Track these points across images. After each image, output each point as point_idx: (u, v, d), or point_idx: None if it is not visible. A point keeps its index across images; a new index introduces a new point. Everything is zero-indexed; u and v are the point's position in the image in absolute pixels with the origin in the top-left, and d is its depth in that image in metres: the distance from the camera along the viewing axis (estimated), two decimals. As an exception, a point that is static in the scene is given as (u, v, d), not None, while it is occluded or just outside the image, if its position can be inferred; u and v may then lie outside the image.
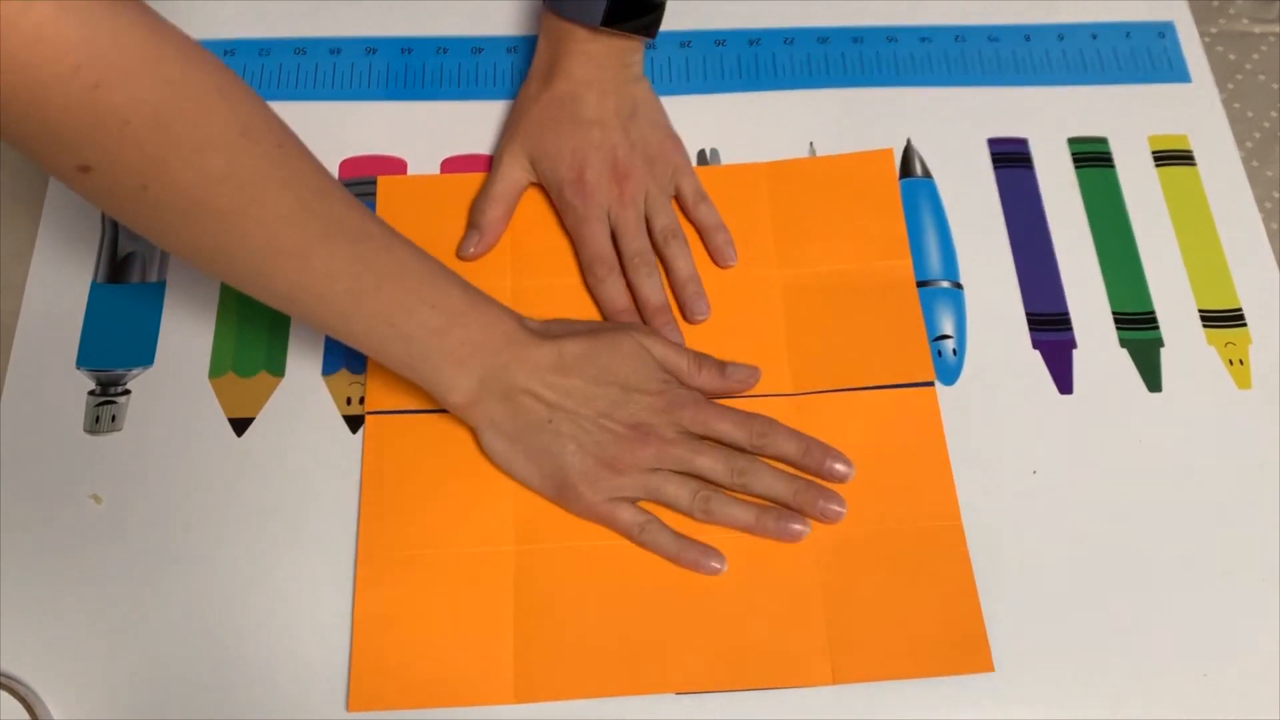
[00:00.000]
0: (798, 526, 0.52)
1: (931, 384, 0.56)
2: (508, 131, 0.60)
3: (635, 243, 0.57)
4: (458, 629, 0.50)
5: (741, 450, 0.53)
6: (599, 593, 0.51)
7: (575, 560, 0.52)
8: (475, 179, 0.61)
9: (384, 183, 0.61)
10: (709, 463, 0.52)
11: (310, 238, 0.45)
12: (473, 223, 0.59)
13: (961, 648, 0.50)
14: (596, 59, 0.58)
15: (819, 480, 0.53)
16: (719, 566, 0.51)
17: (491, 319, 0.51)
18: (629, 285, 0.57)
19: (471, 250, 0.58)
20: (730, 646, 0.50)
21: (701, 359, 0.54)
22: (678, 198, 0.60)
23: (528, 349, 0.51)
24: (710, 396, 0.54)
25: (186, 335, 0.57)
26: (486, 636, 0.50)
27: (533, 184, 0.60)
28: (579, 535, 0.52)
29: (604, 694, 0.49)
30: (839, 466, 0.53)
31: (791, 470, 0.53)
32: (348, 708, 0.49)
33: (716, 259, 0.59)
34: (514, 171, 0.59)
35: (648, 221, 0.58)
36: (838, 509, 0.52)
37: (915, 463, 0.54)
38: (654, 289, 0.57)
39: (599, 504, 0.51)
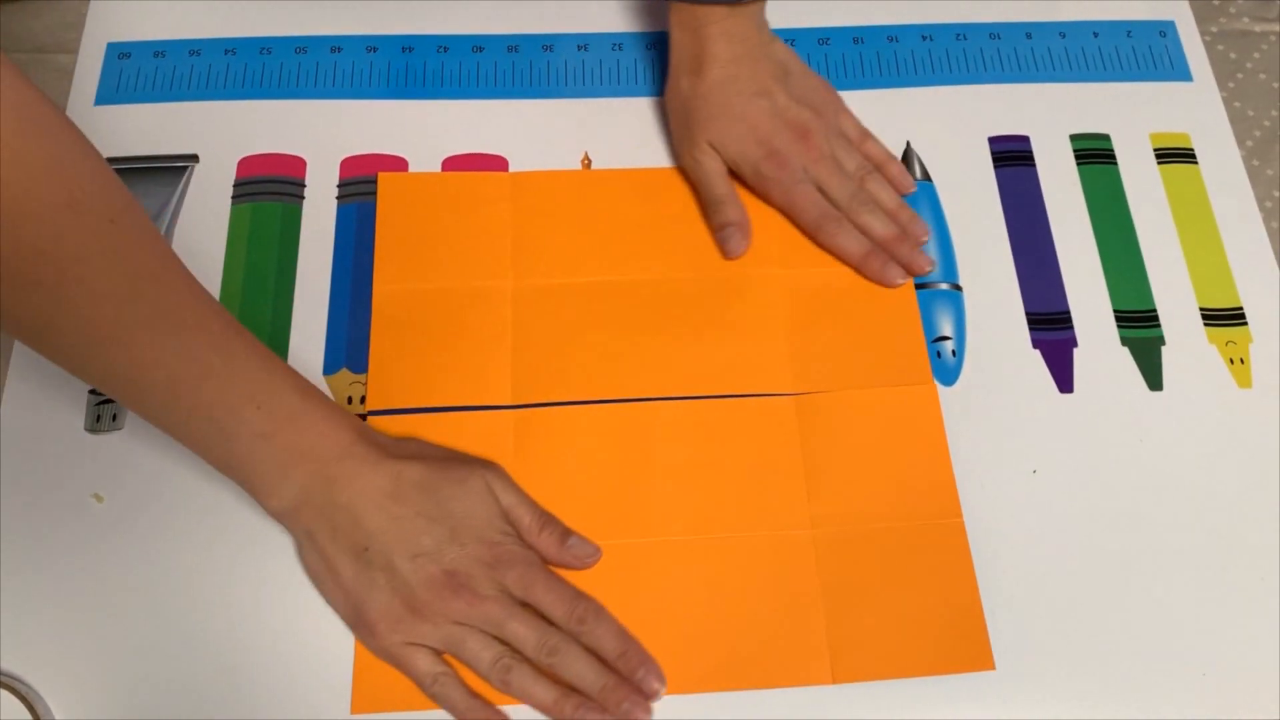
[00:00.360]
0: (595, 718, 0.47)
1: (932, 382, 0.56)
2: (681, 132, 0.61)
3: (845, 188, 0.59)
4: None
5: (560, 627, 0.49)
6: (599, 596, 0.51)
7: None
8: (475, 177, 0.61)
9: (384, 179, 0.61)
10: (521, 630, 0.48)
11: (132, 322, 0.43)
12: (726, 221, 0.59)
13: (962, 646, 0.50)
14: (738, 35, 0.58)
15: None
16: None
17: (326, 427, 0.48)
18: (829, 236, 0.58)
19: (745, 244, 0.59)
20: (730, 647, 0.50)
21: (546, 520, 0.51)
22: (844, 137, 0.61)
23: (362, 467, 0.48)
24: (547, 563, 0.51)
25: (187, 334, 0.57)
26: None
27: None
28: None
29: None
30: (654, 684, 0.48)
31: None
32: (351, 709, 0.49)
33: (900, 187, 0.61)
34: (716, 167, 0.59)
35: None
36: (643, 717, 0.48)
37: (916, 460, 0.54)
38: (884, 223, 0.58)
39: (394, 646, 0.48)
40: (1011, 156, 0.63)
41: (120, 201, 0.42)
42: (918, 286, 0.59)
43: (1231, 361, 0.58)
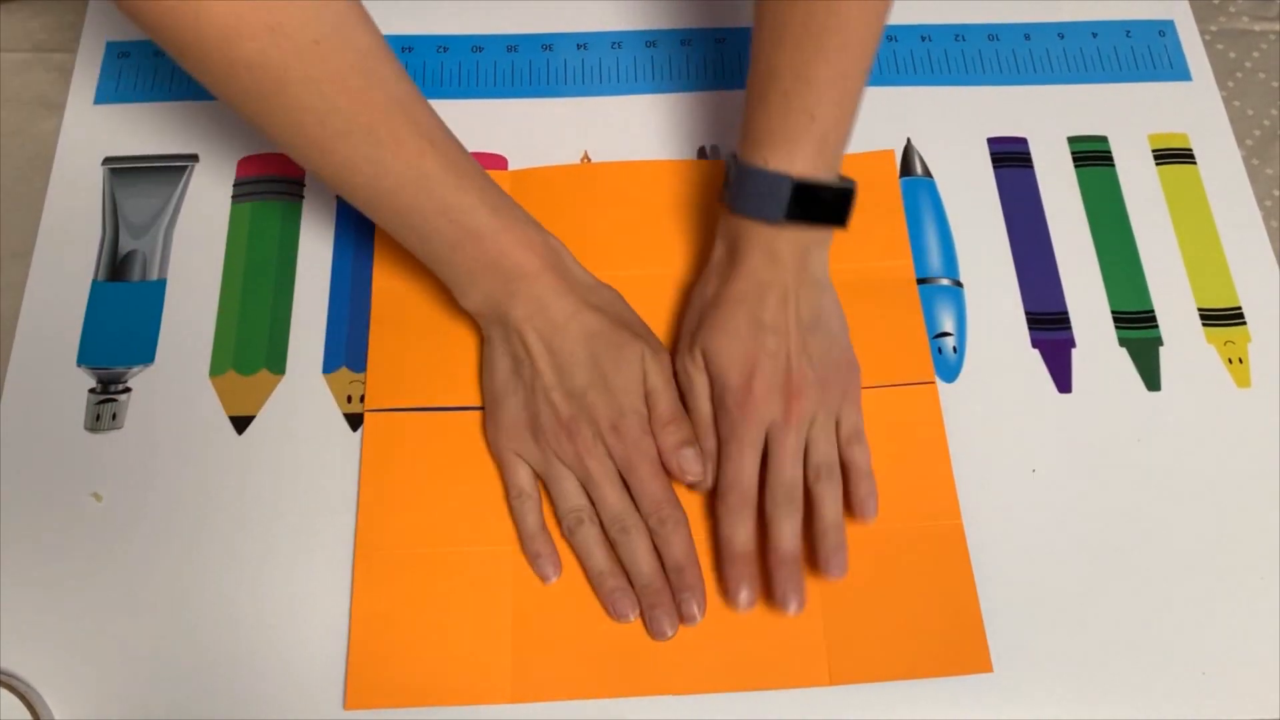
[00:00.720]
0: (625, 608, 0.50)
1: (933, 382, 0.56)
2: (688, 329, 0.55)
3: (789, 471, 0.51)
4: (456, 628, 0.50)
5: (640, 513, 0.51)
6: (589, 590, 0.51)
7: (575, 559, 0.52)
8: None
9: None
10: (610, 497, 0.51)
11: (332, 133, 0.48)
12: (687, 441, 0.52)
13: (960, 648, 0.50)
14: (780, 258, 0.52)
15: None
16: (550, 575, 0.51)
17: (514, 248, 0.51)
18: (765, 518, 0.51)
19: (700, 470, 0.52)
20: (728, 648, 0.50)
21: (678, 417, 0.52)
22: (836, 428, 0.53)
23: (545, 294, 0.52)
24: (658, 454, 0.52)
25: (187, 333, 0.57)
26: (485, 635, 0.50)
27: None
28: None
29: (601, 695, 0.49)
30: (693, 609, 0.50)
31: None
32: (344, 706, 0.49)
33: (856, 510, 0.52)
34: (702, 386, 0.53)
35: (805, 448, 0.52)
36: (668, 630, 0.50)
37: (916, 461, 0.54)
38: (792, 534, 0.50)
39: (505, 449, 0.53)
40: (1010, 157, 0.63)
41: (328, 24, 0.46)
42: (920, 282, 0.59)
43: (1230, 361, 0.58)
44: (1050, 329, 0.58)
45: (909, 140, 0.63)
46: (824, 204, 0.51)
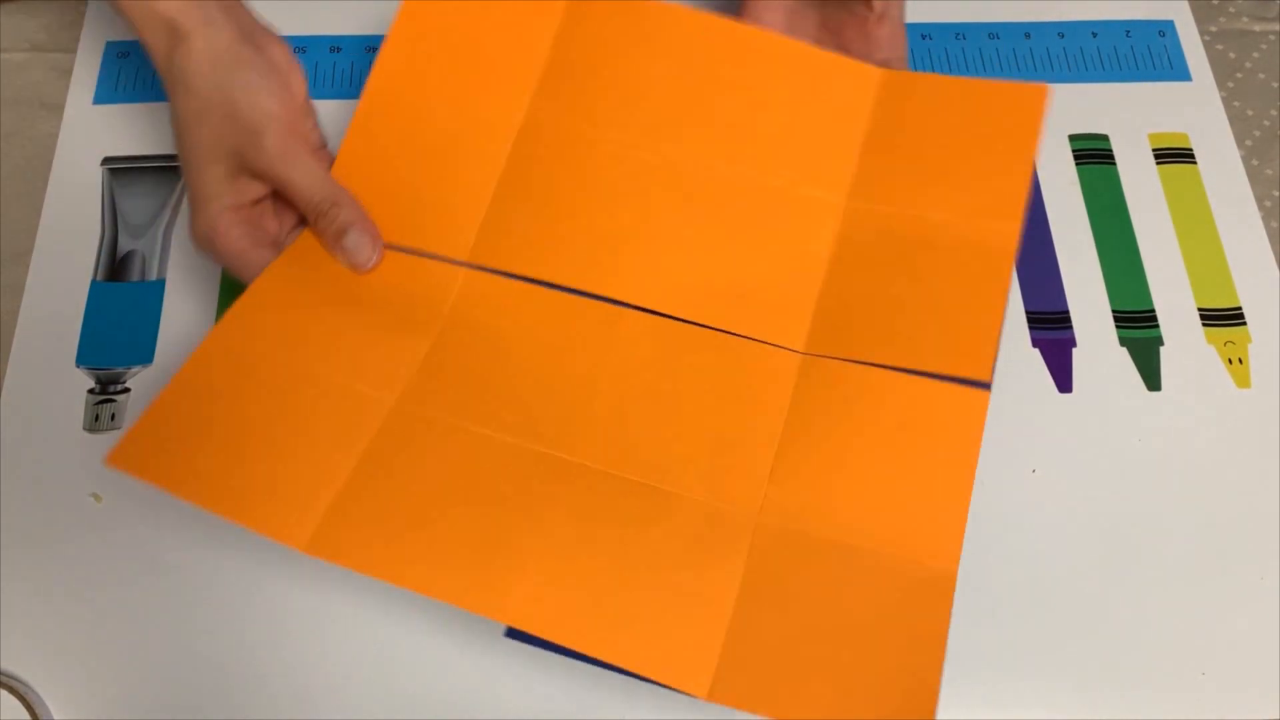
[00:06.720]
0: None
1: (987, 386, 0.44)
2: None
3: None
4: (286, 445, 0.43)
5: None
6: (462, 482, 0.42)
7: (451, 440, 0.43)
8: (520, 6, 0.52)
9: (408, 7, 0.53)
10: None
11: None
12: None
13: (905, 696, 0.38)
14: None
15: None
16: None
17: (189, 5, 0.50)
18: None
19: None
20: (599, 599, 0.39)
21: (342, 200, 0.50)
22: None
23: (203, 59, 0.50)
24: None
25: (186, 333, 0.57)
26: (311, 470, 0.42)
27: None
28: (471, 417, 0.44)
29: (414, 589, 0.40)
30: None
31: None
32: (105, 459, 0.42)
33: None
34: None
35: None
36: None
37: (927, 478, 0.42)
38: None
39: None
40: (1011, 156, 0.63)
41: None
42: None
43: (1230, 362, 0.58)
44: (1051, 328, 0.58)
45: (909, 140, 0.63)
46: None
